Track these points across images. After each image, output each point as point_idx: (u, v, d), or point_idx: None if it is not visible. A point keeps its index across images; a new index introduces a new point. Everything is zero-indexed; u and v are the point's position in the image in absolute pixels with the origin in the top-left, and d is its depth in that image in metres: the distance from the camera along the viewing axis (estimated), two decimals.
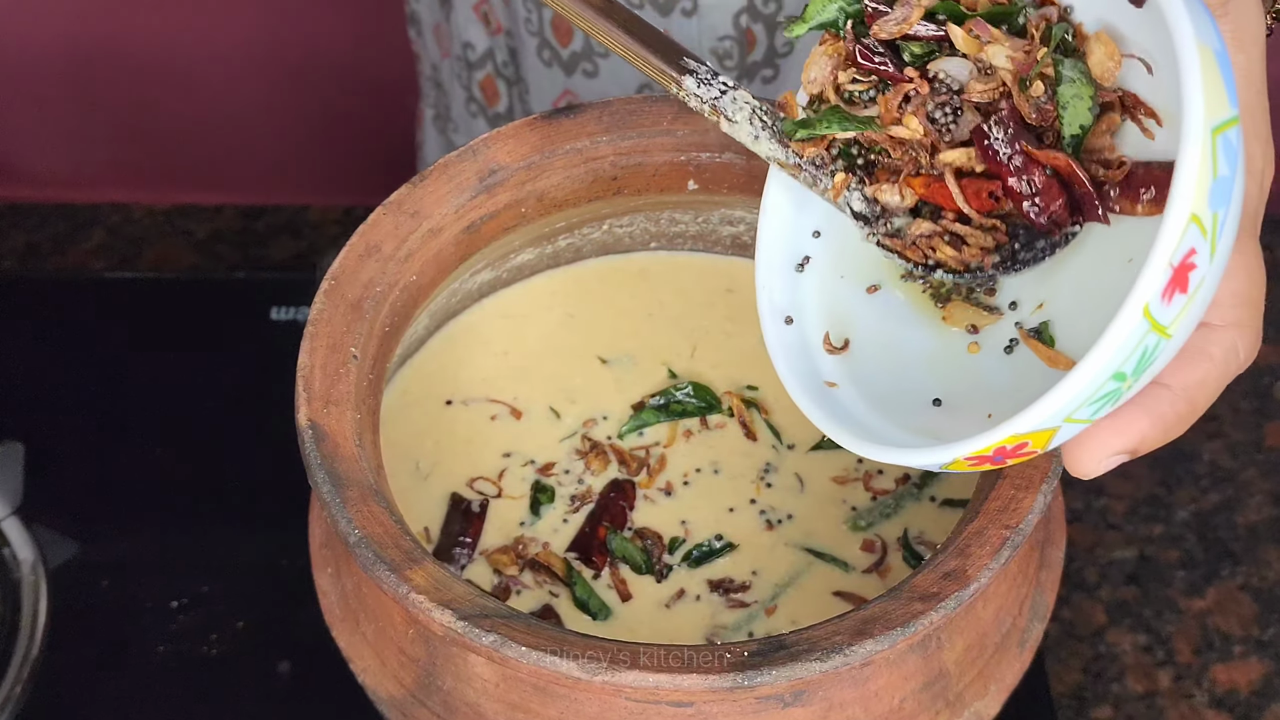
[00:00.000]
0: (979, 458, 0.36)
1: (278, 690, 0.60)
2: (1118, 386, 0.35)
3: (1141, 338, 0.34)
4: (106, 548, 0.64)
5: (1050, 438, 0.36)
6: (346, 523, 0.42)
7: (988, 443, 0.36)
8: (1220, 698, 0.62)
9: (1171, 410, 0.37)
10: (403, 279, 0.50)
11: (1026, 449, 0.36)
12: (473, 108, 0.78)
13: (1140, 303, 0.33)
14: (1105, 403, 0.35)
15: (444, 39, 0.79)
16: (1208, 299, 0.35)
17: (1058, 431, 0.36)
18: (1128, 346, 0.34)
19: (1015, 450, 0.36)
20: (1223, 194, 0.33)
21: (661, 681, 0.39)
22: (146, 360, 0.71)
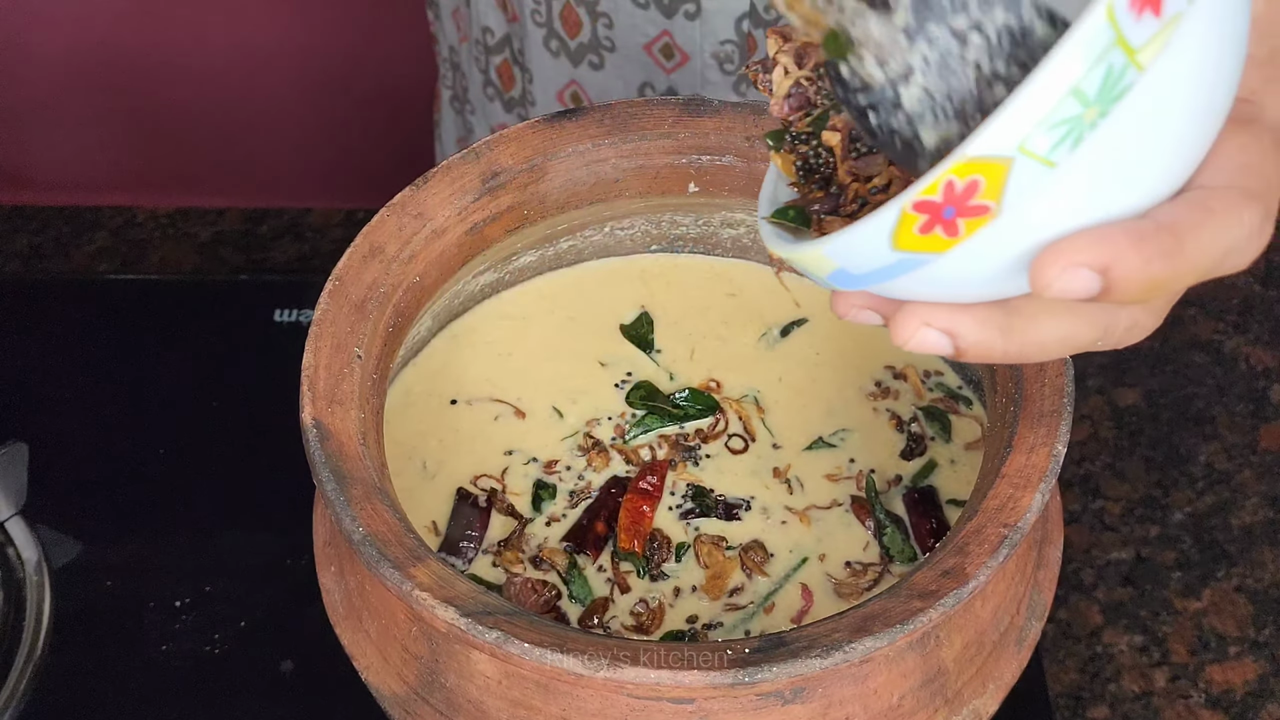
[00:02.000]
0: (927, 205, 0.31)
1: (281, 689, 0.60)
2: (1078, 111, 0.30)
3: (1105, 49, 0.30)
4: (110, 548, 0.65)
5: (1004, 175, 0.31)
6: (350, 520, 0.43)
7: (934, 177, 0.31)
8: (1216, 698, 0.63)
9: (1154, 239, 0.32)
10: (406, 280, 0.50)
11: (980, 192, 0.31)
12: (489, 91, 0.79)
13: (1106, 3, 0.30)
14: (1065, 133, 0.31)
15: (463, 23, 0.80)
16: (1190, 58, 0.31)
17: (1013, 166, 0.31)
18: (1088, 52, 0.30)
19: (967, 194, 0.31)
20: None
21: (663, 678, 0.39)
22: (150, 362, 0.71)
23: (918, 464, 0.53)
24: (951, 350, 0.35)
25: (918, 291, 0.34)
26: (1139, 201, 0.33)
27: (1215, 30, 0.32)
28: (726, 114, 0.54)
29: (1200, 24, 0.31)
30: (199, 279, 0.77)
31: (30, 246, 0.80)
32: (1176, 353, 0.73)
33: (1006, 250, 0.32)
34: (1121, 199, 0.32)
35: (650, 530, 0.51)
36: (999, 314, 0.35)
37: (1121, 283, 0.32)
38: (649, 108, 0.54)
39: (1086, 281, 0.32)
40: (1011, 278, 0.33)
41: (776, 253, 0.37)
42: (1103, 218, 0.32)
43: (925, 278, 0.33)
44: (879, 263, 0.33)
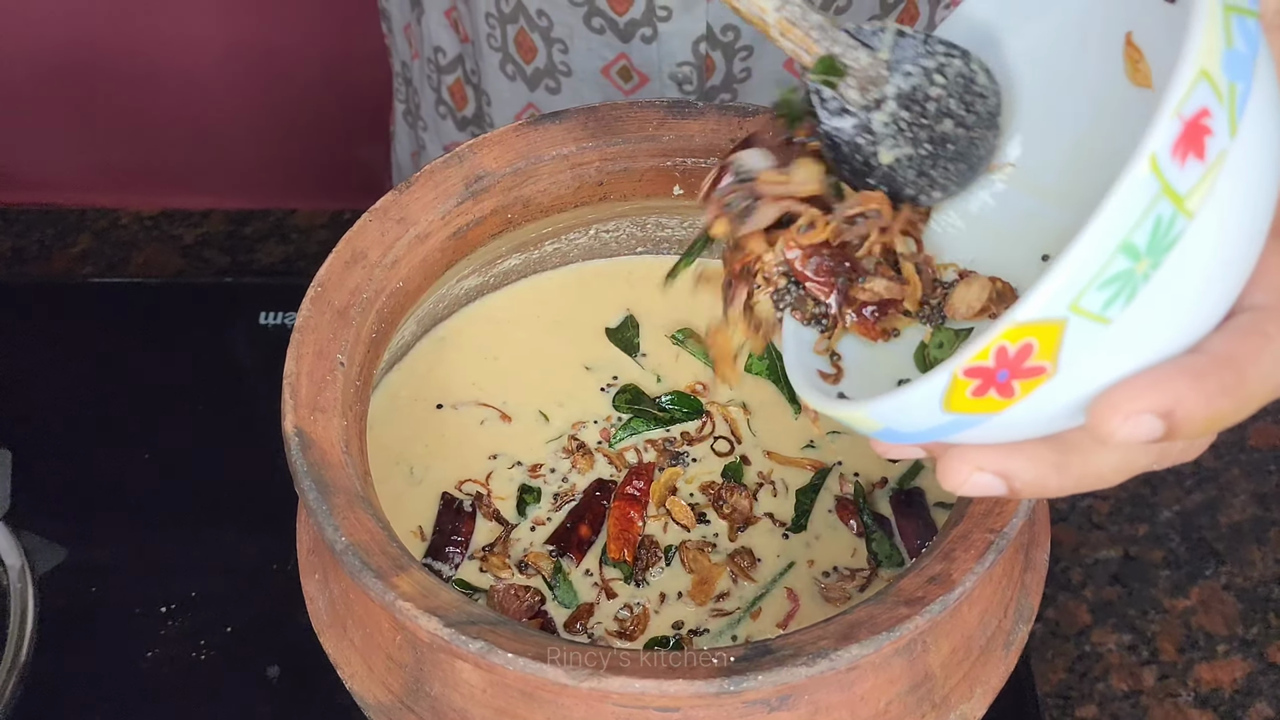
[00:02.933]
0: (979, 371, 0.31)
1: (267, 695, 0.60)
2: (1130, 266, 0.30)
3: (1152, 200, 0.30)
4: (94, 553, 0.64)
5: (1059, 337, 0.31)
6: (333, 530, 0.42)
7: (984, 344, 0.31)
8: (1204, 696, 0.63)
9: (1215, 376, 0.31)
10: (389, 285, 0.50)
11: (1035, 354, 0.31)
12: (441, 109, 0.79)
13: (1147, 152, 0.29)
14: (1118, 289, 0.30)
15: (414, 40, 0.79)
16: (1236, 193, 0.31)
17: (1066, 328, 0.31)
18: (1135, 206, 0.30)
19: (1021, 357, 0.31)
20: (1240, 67, 0.30)
21: (648, 687, 0.39)
22: (134, 366, 0.71)
23: (903, 466, 0.53)
24: (1005, 491, 0.34)
25: (972, 439, 0.34)
26: (1194, 337, 0.32)
27: (1258, 155, 0.31)
28: (711, 116, 0.54)
29: (1244, 155, 0.31)
30: (183, 281, 0.77)
31: (13, 249, 0.80)
32: None
33: (1064, 403, 0.32)
34: (1178, 339, 0.32)
35: (638, 536, 0.51)
36: (1053, 452, 0.34)
37: (1186, 423, 0.32)
38: (633, 110, 0.54)
39: (1150, 426, 0.32)
40: (1068, 421, 0.33)
41: (815, 408, 0.37)
42: (1158, 358, 0.32)
43: (979, 434, 0.33)
44: (929, 424, 0.33)
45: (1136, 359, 0.32)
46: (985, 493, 0.34)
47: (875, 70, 0.38)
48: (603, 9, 0.67)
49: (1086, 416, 0.32)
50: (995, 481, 0.34)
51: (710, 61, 0.69)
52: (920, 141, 0.39)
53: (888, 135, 0.38)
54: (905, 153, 0.39)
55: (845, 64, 0.39)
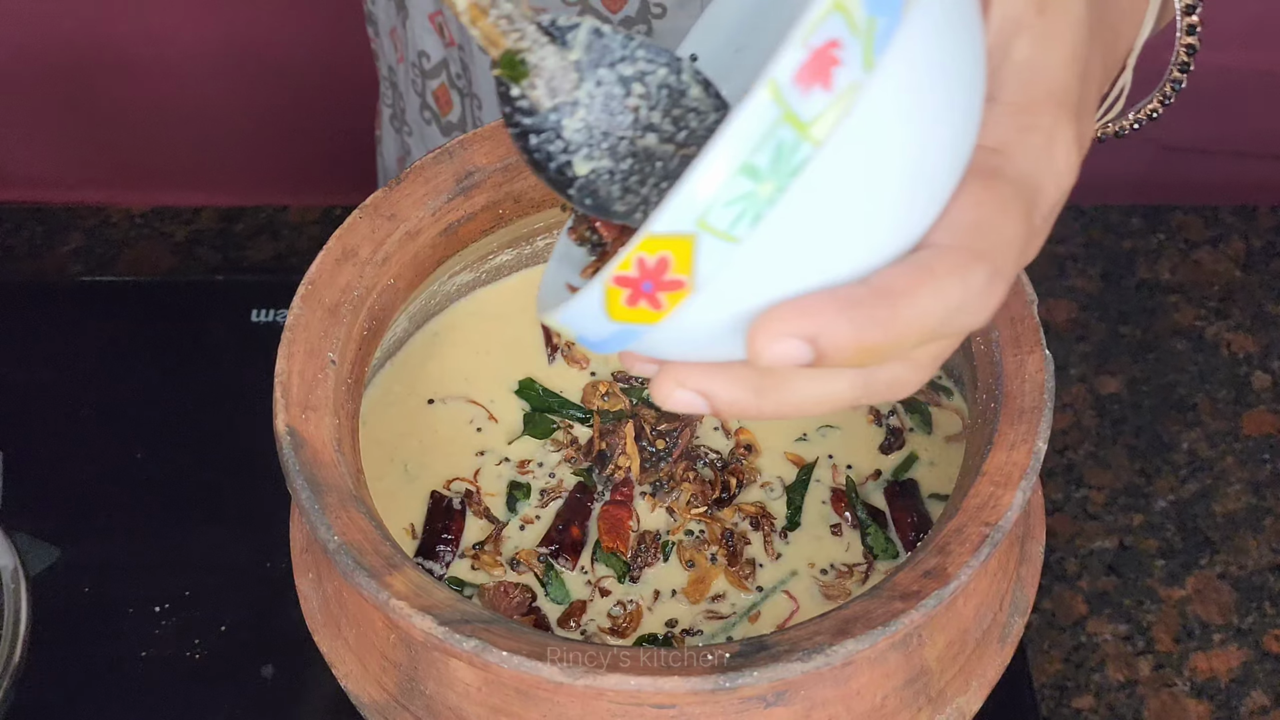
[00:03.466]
0: (626, 280, 0.32)
1: (262, 694, 0.60)
2: (752, 187, 0.31)
3: (772, 125, 0.30)
4: (87, 553, 0.64)
5: (691, 252, 0.31)
6: (325, 529, 0.42)
7: (626, 254, 0.32)
8: (1200, 686, 0.63)
9: (866, 307, 0.32)
10: (380, 282, 0.50)
11: (672, 268, 0.32)
12: (426, 114, 0.78)
13: (768, 78, 0.30)
14: (743, 209, 0.31)
15: (399, 43, 0.79)
16: (882, 127, 0.31)
17: (697, 243, 0.31)
18: (756, 129, 0.30)
19: (660, 269, 0.32)
20: (884, 3, 0.31)
21: (643, 684, 0.39)
22: (126, 364, 0.71)
23: (897, 458, 0.52)
24: (709, 409, 0.35)
25: (663, 353, 0.35)
26: (855, 267, 0.33)
27: (914, 93, 0.31)
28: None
29: (889, 90, 0.31)
30: (174, 279, 0.77)
31: (2, 248, 0.80)
32: (1158, 340, 0.73)
33: (718, 319, 0.33)
34: (833, 266, 0.32)
35: (629, 532, 0.51)
36: (752, 374, 0.34)
37: (833, 350, 0.32)
38: None
39: (796, 350, 0.32)
40: (733, 340, 0.34)
41: (539, 317, 0.38)
42: (819, 284, 0.32)
43: (655, 344, 0.34)
44: (606, 332, 0.34)
45: (787, 282, 0.32)
46: (690, 409, 0.35)
47: (564, 73, 0.36)
48: (596, 7, 0.67)
49: (748, 341, 0.33)
50: (695, 398, 0.35)
51: None
52: (620, 155, 0.36)
53: (582, 145, 0.36)
54: (604, 165, 0.36)
55: (529, 63, 0.36)
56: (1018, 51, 0.35)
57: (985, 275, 0.33)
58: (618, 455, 0.52)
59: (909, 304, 0.32)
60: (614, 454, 0.52)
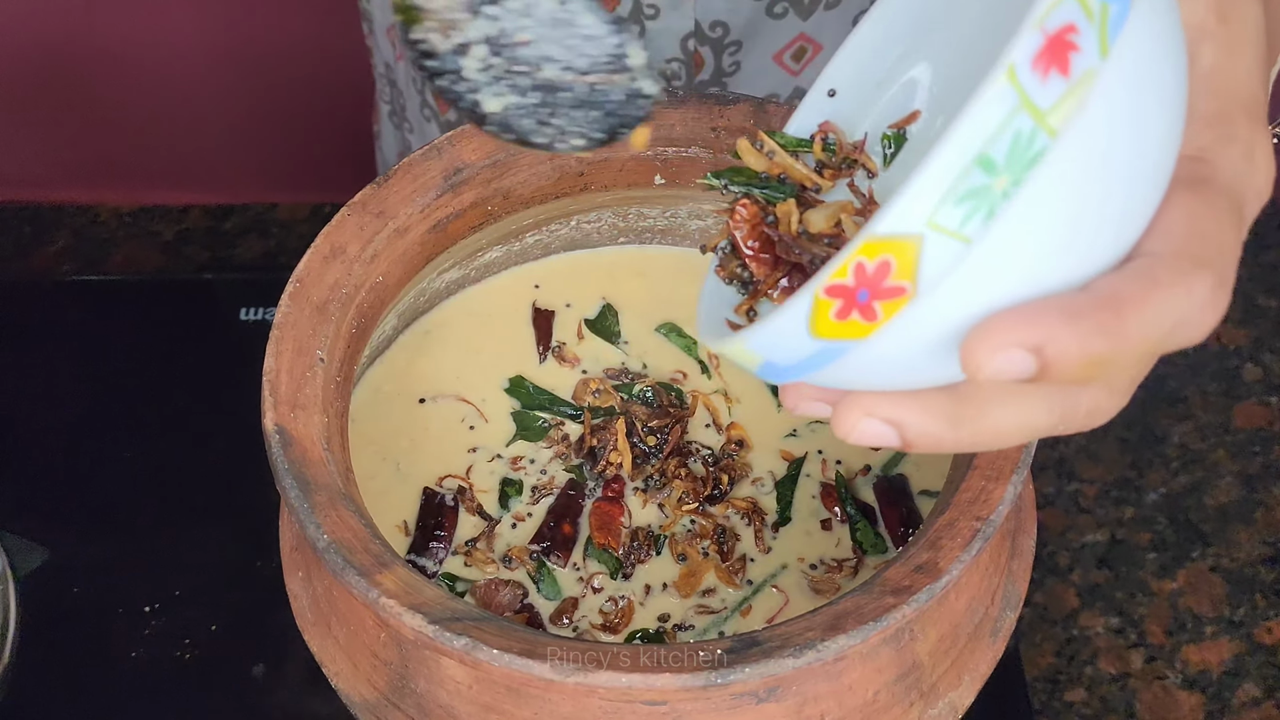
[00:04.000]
0: (840, 289, 0.30)
1: (253, 693, 0.60)
2: (987, 181, 0.29)
3: (1010, 113, 0.28)
4: (76, 554, 0.64)
5: (916, 254, 0.29)
6: (315, 528, 0.42)
7: (842, 260, 0.30)
8: (1192, 678, 0.63)
9: (1093, 315, 0.30)
10: (369, 280, 0.50)
11: (893, 273, 0.30)
12: (426, 112, 0.78)
13: (1006, 63, 0.28)
14: (975, 205, 0.29)
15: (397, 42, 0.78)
16: (1115, 120, 0.29)
17: (923, 244, 0.29)
18: (993, 118, 0.28)
19: (880, 275, 0.30)
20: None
21: (635, 681, 0.39)
22: (114, 364, 0.71)
23: (887, 453, 0.52)
24: (898, 442, 0.33)
25: (853, 380, 0.33)
26: (1074, 274, 0.31)
27: (1139, 87, 0.30)
28: (691, 105, 0.53)
29: (1119, 81, 0.29)
30: (163, 278, 0.76)
31: None
32: None
33: (933, 332, 0.31)
34: (1054, 272, 0.30)
35: (621, 528, 0.50)
36: (947, 402, 0.32)
37: (1058, 362, 0.30)
38: None
39: (1020, 363, 0.30)
40: (949, 361, 0.31)
41: (707, 343, 0.36)
42: (1035, 293, 0.30)
43: (854, 366, 0.32)
44: (802, 353, 0.32)
45: (1008, 289, 0.30)
46: (877, 442, 0.33)
47: (453, 13, 0.35)
48: None
49: (962, 349, 0.30)
50: (886, 429, 0.33)
51: (699, 57, 0.68)
52: (523, 89, 0.36)
53: (485, 83, 0.35)
54: (511, 101, 0.36)
55: (420, 5, 0.35)
56: (1203, 60, 0.34)
57: (1210, 284, 0.31)
58: (609, 452, 0.52)
59: (1137, 313, 0.30)
60: (605, 450, 0.52)
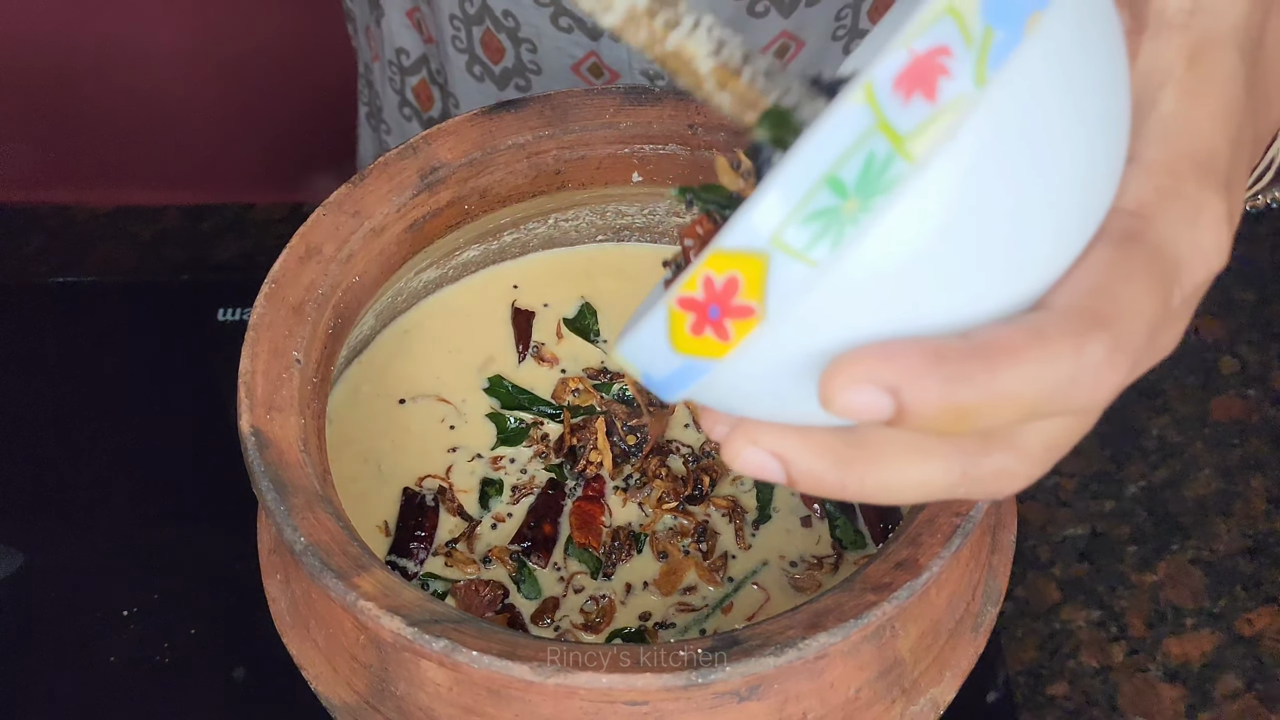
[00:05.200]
0: (691, 303, 0.29)
1: (233, 697, 0.59)
2: (835, 203, 0.27)
3: (864, 134, 0.27)
4: (53, 558, 0.63)
5: (763, 273, 0.28)
6: (292, 531, 0.42)
7: (691, 272, 0.28)
8: (1174, 670, 0.63)
9: (960, 362, 0.27)
10: (345, 280, 0.49)
11: (741, 291, 0.28)
12: (406, 111, 0.78)
13: (864, 81, 0.26)
14: (823, 227, 0.27)
15: (374, 42, 0.78)
16: (987, 149, 0.27)
17: (770, 263, 0.28)
18: (845, 137, 0.27)
19: (728, 292, 0.28)
20: (1006, 15, 0.27)
21: (615, 682, 0.39)
22: (91, 365, 0.70)
23: None
24: (782, 477, 0.31)
25: (733, 404, 0.31)
26: (953, 318, 0.29)
27: (1036, 122, 0.28)
28: (669, 102, 0.53)
29: (1005, 113, 0.27)
30: (140, 279, 0.76)
31: None
32: None
33: (791, 361, 0.29)
34: (926, 314, 0.28)
35: (601, 527, 0.50)
36: (838, 444, 0.30)
37: (916, 408, 0.28)
38: (589, 97, 0.53)
39: (873, 401, 0.28)
40: (805, 389, 0.30)
41: (614, 355, 0.35)
42: (908, 332, 0.28)
43: (724, 387, 0.30)
44: (668, 367, 0.30)
45: (874, 325, 0.28)
46: (759, 474, 0.31)
47: None
48: (570, 8, 0.67)
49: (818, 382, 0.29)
50: (770, 462, 0.30)
51: None
52: None
53: None
54: None
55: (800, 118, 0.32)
56: (1163, 106, 0.31)
57: (1104, 348, 0.28)
58: (589, 451, 0.52)
59: (1011, 367, 0.28)
60: (586, 450, 0.52)
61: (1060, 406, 0.29)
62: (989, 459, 0.30)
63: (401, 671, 0.43)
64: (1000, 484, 0.31)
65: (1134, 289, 0.29)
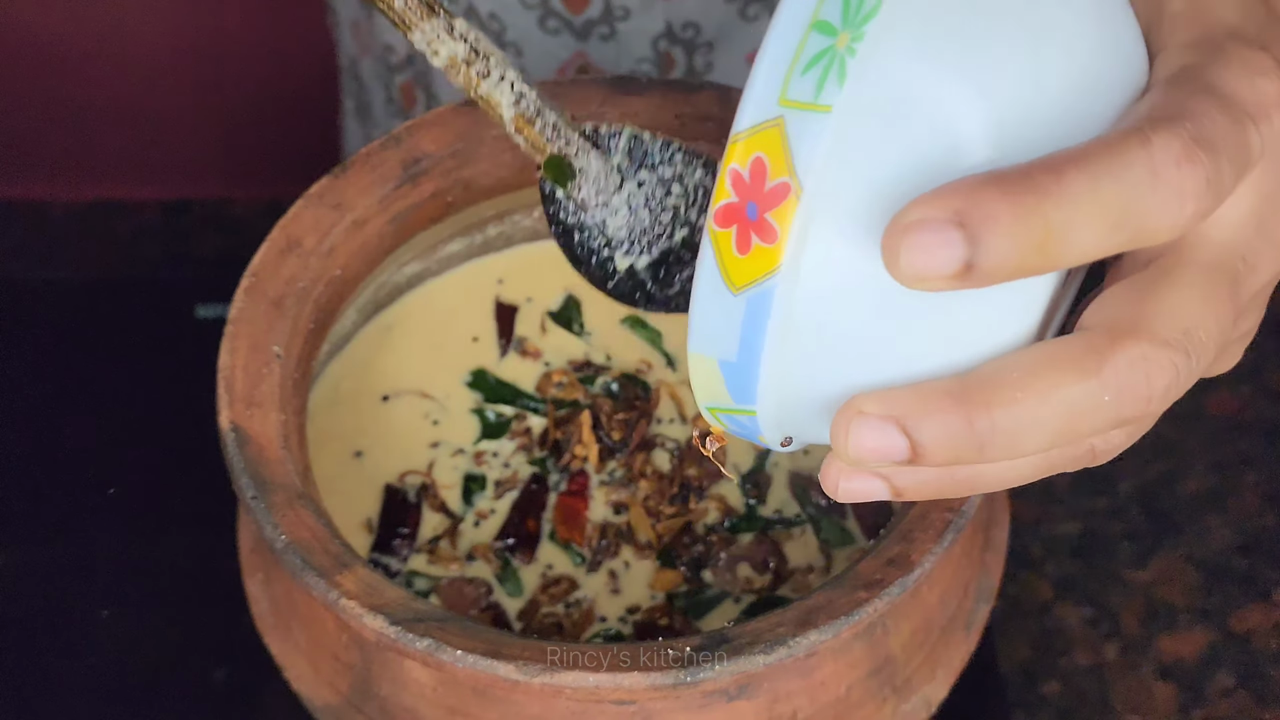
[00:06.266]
0: (729, 211, 0.27)
1: (214, 698, 0.59)
2: (827, 43, 0.26)
3: None
4: (30, 557, 0.62)
5: (783, 140, 0.26)
6: (272, 528, 0.41)
7: (718, 178, 0.27)
8: (1167, 668, 0.62)
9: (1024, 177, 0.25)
10: (326, 274, 0.49)
11: (769, 171, 0.26)
12: (391, 108, 0.77)
13: None
14: (823, 69, 0.26)
15: (363, 37, 0.78)
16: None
17: (786, 126, 0.26)
18: None
19: (758, 177, 0.27)
20: None
21: (602, 681, 0.38)
22: (69, 363, 0.69)
23: None
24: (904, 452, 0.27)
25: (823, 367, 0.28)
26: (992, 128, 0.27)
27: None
28: (655, 93, 0.52)
29: None
30: (118, 275, 0.75)
31: None
32: None
33: (845, 241, 0.27)
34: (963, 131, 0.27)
35: (586, 522, 0.50)
36: (956, 384, 0.27)
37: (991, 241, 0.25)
38: (575, 88, 0.53)
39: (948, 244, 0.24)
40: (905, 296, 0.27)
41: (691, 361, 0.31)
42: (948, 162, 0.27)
43: (799, 329, 0.27)
44: (737, 325, 0.27)
45: (905, 167, 0.26)
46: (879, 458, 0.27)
47: (607, 176, 0.39)
48: (558, 10, 0.66)
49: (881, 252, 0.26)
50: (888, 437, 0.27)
51: (670, 58, 0.68)
52: (658, 250, 0.39)
53: (624, 241, 0.39)
54: (643, 261, 0.39)
55: (577, 167, 0.39)
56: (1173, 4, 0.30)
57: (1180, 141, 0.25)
58: (574, 445, 0.51)
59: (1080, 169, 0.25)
60: (570, 444, 0.51)
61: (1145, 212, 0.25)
62: (1124, 352, 0.27)
63: (385, 671, 0.43)
64: (1152, 379, 0.27)
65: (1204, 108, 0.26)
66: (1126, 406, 0.27)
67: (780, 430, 0.30)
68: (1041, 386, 0.27)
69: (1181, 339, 0.28)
